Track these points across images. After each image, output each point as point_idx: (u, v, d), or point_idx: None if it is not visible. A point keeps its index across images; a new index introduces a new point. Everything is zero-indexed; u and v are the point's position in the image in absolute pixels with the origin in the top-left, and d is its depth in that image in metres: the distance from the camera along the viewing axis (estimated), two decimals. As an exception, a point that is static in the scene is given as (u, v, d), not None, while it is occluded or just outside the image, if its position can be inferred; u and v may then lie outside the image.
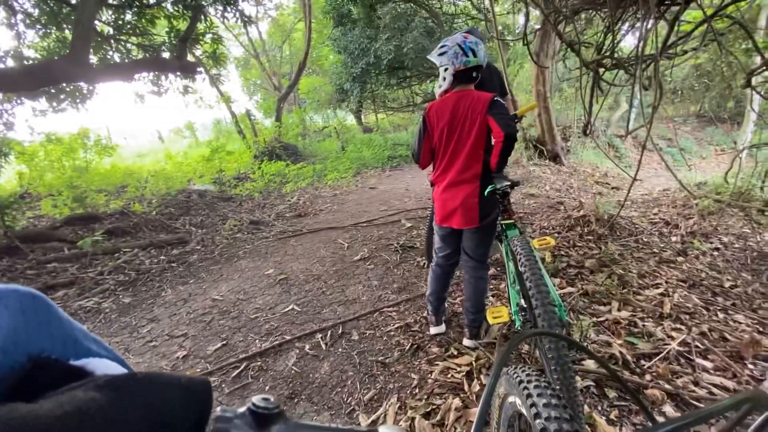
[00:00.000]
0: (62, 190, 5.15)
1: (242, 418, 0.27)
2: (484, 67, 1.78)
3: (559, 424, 0.82)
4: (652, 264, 2.73)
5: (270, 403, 0.28)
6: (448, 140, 1.82)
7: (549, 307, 1.30)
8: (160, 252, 4.04)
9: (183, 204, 5.60)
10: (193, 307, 2.85)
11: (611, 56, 2.79)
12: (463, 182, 1.80)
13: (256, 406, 0.28)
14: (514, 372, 1.00)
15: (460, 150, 1.80)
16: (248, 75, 16.99)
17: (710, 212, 4.01)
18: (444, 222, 1.90)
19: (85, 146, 7.52)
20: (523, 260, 1.43)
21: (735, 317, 2.10)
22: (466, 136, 1.77)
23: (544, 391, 0.90)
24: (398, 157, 9.31)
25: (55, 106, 6.44)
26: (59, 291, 3.20)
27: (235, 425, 0.27)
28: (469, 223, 1.82)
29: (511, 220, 1.77)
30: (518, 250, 1.50)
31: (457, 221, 1.84)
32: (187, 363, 2.19)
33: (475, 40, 1.72)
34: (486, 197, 1.77)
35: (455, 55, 1.72)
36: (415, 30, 8.78)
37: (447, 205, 1.85)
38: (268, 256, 3.74)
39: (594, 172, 6.52)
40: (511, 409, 1.04)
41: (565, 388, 1.22)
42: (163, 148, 11.32)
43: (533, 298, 1.34)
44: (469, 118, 1.75)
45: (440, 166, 1.89)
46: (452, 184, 1.83)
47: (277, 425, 0.28)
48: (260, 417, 0.27)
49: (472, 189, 1.79)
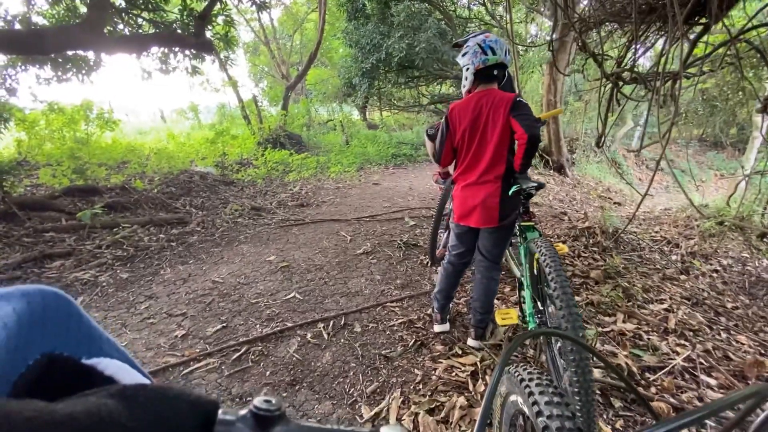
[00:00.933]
0: (63, 161, 5.06)
1: (244, 421, 0.27)
2: (506, 64, 1.76)
3: (561, 422, 0.82)
4: (656, 279, 2.74)
5: (272, 405, 0.28)
6: (470, 140, 1.81)
7: (574, 309, 1.29)
8: (159, 230, 3.98)
9: (184, 184, 5.53)
10: (192, 288, 2.81)
11: (631, 70, 2.79)
12: (485, 182, 1.79)
13: (257, 408, 0.28)
14: (516, 371, 0.99)
15: (483, 150, 1.79)
16: (257, 61, 16.85)
17: (711, 234, 4.04)
18: (462, 220, 1.89)
19: (87, 119, 7.41)
20: (549, 261, 1.42)
21: (737, 338, 2.11)
22: (490, 136, 1.76)
23: (546, 389, 0.89)
24: (402, 156, 9.29)
25: (60, 75, 6.32)
26: (56, 261, 3.14)
27: (237, 428, 0.27)
28: (488, 222, 1.81)
29: (531, 222, 1.76)
30: (543, 251, 1.48)
31: (475, 220, 1.83)
32: (185, 342, 2.15)
33: (495, 38, 1.71)
34: (507, 198, 1.76)
35: (474, 54, 1.72)
36: (428, 30, 8.75)
37: (467, 203, 1.84)
38: (270, 243, 3.71)
39: (597, 186, 6.56)
40: (513, 408, 1.03)
41: (583, 392, 1.21)
42: (165, 128, 11.19)
43: (558, 299, 1.32)
44: (492, 118, 1.74)
45: (462, 165, 1.88)
46: (474, 183, 1.82)
47: (279, 427, 0.28)
48: (262, 419, 0.27)
49: (494, 189, 1.78)
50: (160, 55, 6.85)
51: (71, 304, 0.33)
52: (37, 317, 0.28)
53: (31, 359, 0.27)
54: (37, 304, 0.29)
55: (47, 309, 0.30)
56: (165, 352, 2.07)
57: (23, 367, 0.27)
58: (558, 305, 1.33)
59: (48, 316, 0.30)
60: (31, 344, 0.28)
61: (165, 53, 6.74)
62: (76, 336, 0.32)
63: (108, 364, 0.33)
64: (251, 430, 0.27)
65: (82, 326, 0.33)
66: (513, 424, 1.08)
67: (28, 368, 0.27)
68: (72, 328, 0.32)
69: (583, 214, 4.16)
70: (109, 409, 0.22)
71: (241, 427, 0.27)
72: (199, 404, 0.27)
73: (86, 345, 0.33)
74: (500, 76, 1.76)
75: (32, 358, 0.28)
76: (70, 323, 0.32)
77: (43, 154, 5.90)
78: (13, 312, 0.26)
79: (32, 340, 0.28)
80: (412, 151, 9.66)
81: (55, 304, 0.31)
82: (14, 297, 0.28)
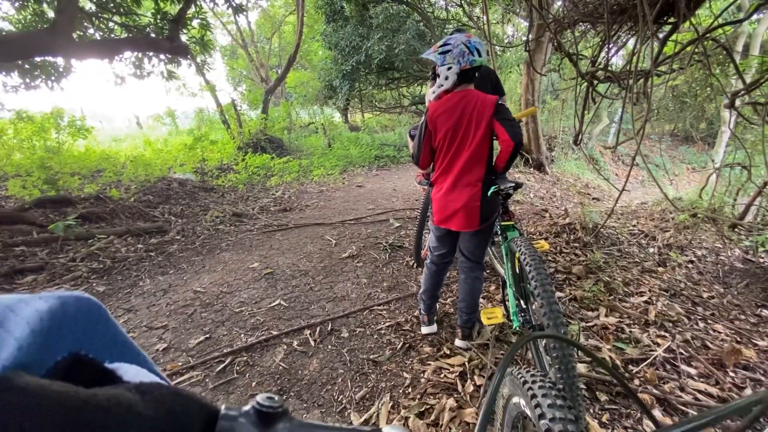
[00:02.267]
0: (33, 171, 4.87)
1: (247, 417, 0.28)
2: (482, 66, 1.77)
3: (564, 424, 0.82)
4: (636, 273, 2.81)
5: (275, 402, 0.28)
6: (451, 141, 1.79)
7: (555, 306, 1.30)
8: (137, 240, 3.86)
9: (162, 192, 5.39)
10: (173, 299, 2.73)
11: (605, 69, 2.86)
12: (466, 185, 1.77)
13: (260, 404, 0.28)
14: (518, 373, 0.99)
15: (463, 152, 1.77)
16: (235, 65, 16.60)
17: (685, 226, 4.17)
18: (443, 223, 1.88)
19: (58, 127, 7.16)
20: (528, 260, 1.43)
21: (714, 327, 2.18)
22: (471, 138, 1.75)
23: (548, 391, 0.89)
24: (385, 157, 9.30)
25: (28, 82, 6.07)
26: (27, 276, 3.01)
27: (239, 423, 0.27)
28: (469, 226, 1.81)
29: (511, 222, 1.77)
30: (522, 250, 1.49)
31: (457, 224, 1.82)
32: (167, 356, 2.09)
33: (478, 40, 1.71)
34: (487, 200, 1.76)
35: (461, 54, 1.69)
36: (407, 32, 8.79)
37: (448, 207, 1.82)
38: (253, 250, 3.64)
39: (576, 183, 6.70)
40: (516, 410, 1.03)
41: (568, 388, 1.22)
42: (141, 134, 10.91)
43: (539, 297, 1.33)
44: (475, 119, 1.73)
45: (441, 167, 1.85)
46: (454, 186, 1.80)
47: (282, 423, 0.28)
48: (265, 415, 0.28)
49: (475, 192, 1.76)
50: (134, 60, 6.68)
51: (102, 310, 0.35)
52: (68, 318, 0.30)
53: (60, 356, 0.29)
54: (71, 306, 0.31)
55: (79, 312, 0.31)
56: (146, 366, 2.00)
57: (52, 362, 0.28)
58: (539, 303, 1.34)
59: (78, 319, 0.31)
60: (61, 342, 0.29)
61: (139, 58, 6.57)
62: (102, 340, 0.34)
63: (127, 370, 0.34)
64: (254, 426, 0.27)
65: (108, 332, 0.35)
66: (515, 426, 1.08)
67: (56, 363, 0.28)
68: (99, 333, 0.34)
69: (563, 210, 4.24)
70: (128, 398, 0.24)
71: (244, 422, 0.27)
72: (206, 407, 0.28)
73: (110, 350, 0.35)
74: (475, 77, 1.77)
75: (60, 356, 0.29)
76: (98, 328, 0.34)
77: (12, 165, 5.66)
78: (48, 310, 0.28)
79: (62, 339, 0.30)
80: (395, 153, 9.67)
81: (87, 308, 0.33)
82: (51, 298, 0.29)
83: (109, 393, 0.24)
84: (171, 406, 0.26)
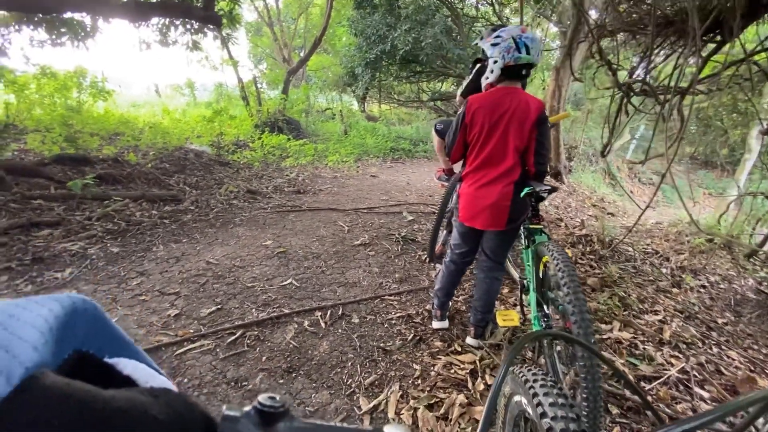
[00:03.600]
0: (53, 127, 4.88)
1: (248, 417, 0.28)
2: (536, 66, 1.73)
3: (566, 423, 0.81)
4: (651, 291, 2.78)
5: (276, 402, 0.28)
6: (487, 137, 1.75)
7: (586, 315, 1.28)
8: (152, 206, 3.88)
9: (178, 161, 5.40)
10: (185, 267, 2.74)
11: (643, 81, 2.80)
12: (498, 184, 1.74)
13: (262, 404, 0.28)
14: (520, 371, 0.98)
15: (500, 150, 1.73)
16: (258, 42, 16.51)
17: (701, 251, 4.12)
18: (469, 221, 1.85)
19: (79, 86, 7.18)
20: (561, 266, 1.40)
21: (728, 353, 2.16)
22: (512, 139, 1.70)
23: (550, 390, 0.89)
24: (401, 150, 9.25)
25: (54, 38, 6.08)
26: (44, 230, 3.03)
27: (241, 424, 0.27)
28: (495, 225, 1.79)
29: (540, 225, 1.74)
30: (554, 255, 1.47)
31: (482, 222, 1.80)
32: (179, 322, 2.10)
33: (532, 36, 1.65)
34: (518, 201, 1.73)
35: (507, 49, 1.64)
36: (436, 26, 8.67)
37: (476, 204, 1.80)
38: (266, 228, 3.65)
39: (591, 196, 6.63)
40: (517, 409, 1.03)
41: (591, 398, 1.21)
42: (160, 102, 10.91)
43: (570, 304, 1.31)
44: (516, 120, 1.68)
45: (474, 163, 1.81)
46: (486, 183, 1.77)
47: (283, 423, 0.28)
48: (266, 415, 0.28)
49: (507, 192, 1.73)
50: (161, 27, 6.66)
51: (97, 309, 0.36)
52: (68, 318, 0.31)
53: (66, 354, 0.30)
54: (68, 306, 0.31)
55: (76, 312, 0.32)
56: (157, 330, 2.02)
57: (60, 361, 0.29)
58: (570, 310, 1.32)
59: (77, 318, 0.32)
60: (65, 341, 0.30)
61: (166, 25, 6.54)
62: (100, 337, 0.35)
63: (126, 364, 0.36)
64: (255, 427, 0.27)
65: (106, 329, 0.37)
66: (517, 425, 1.08)
67: (64, 361, 0.30)
68: (97, 330, 0.35)
69: (579, 221, 4.20)
70: (143, 401, 0.26)
71: (246, 423, 0.27)
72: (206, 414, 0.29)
73: (108, 346, 0.36)
74: (527, 75, 1.72)
75: (67, 353, 0.30)
76: (96, 325, 0.35)
77: (33, 119, 5.69)
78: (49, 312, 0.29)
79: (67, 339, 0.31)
80: (410, 147, 9.61)
81: (83, 308, 0.34)
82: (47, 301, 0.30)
83: (127, 395, 0.25)
84: (181, 411, 0.28)
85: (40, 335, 0.26)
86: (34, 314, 0.28)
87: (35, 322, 0.27)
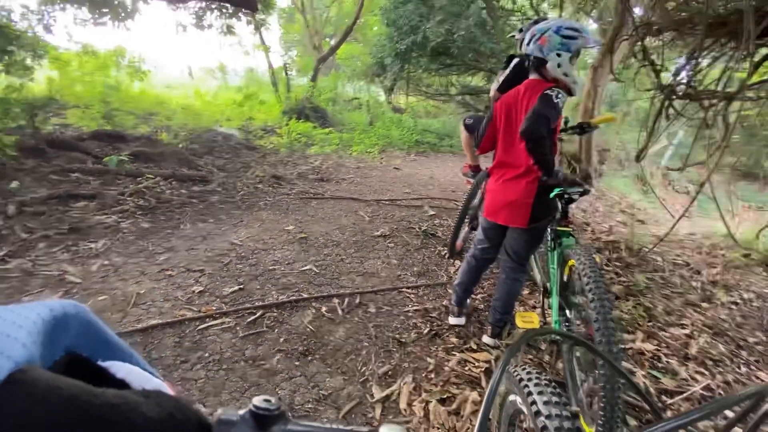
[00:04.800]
0: (92, 104, 5.09)
1: (244, 421, 0.28)
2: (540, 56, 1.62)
3: (560, 421, 0.80)
4: (678, 303, 2.67)
5: (271, 404, 0.28)
6: (505, 130, 1.76)
7: (610, 324, 1.24)
8: (181, 185, 4.00)
9: (208, 143, 5.53)
10: (211, 246, 2.82)
11: (688, 84, 2.67)
12: (523, 179, 1.71)
13: (257, 407, 0.28)
14: (515, 371, 0.97)
15: (516, 144, 1.71)
16: (290, 29, 16.61)
17: (735, 266, 3.93)
18: (491, 215, 1.84)
19: (118, 65, 7.43)
20: (588, 271, 1.36)
21: (758, 373, 2.06)
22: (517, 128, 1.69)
23: (544, 389, 0.88)
24: (426, 144, 9.17)
25: (97, 18, 6.30)
26: (80, 201, 3.18)
27: (237, 427, 0.27)
28: (516, 222, 1.76)
29: (568, 228, 1.69)
30: (581, 260, 1.42)
31: (504, 217, 1.78)
32: (202, 299, 2.17)
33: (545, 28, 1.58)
34: (543, 200, 1.69)
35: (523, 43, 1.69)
36: (470, 18, 8.49)
37: (498, 199, 1.79)
38: (289, 213, 3.70)
39: (621, 201, 6.41)
40: (512, 408, 1.02)
41: (609, 408, 1.18)
42: (192, 85, 11.17)
43: (595, 311, 1.27)
44: (524, 109, 1.66)
45: (497, 157, 1.83)
46: (511, 179, 1.75)
47: (278, 426, 0.28)
48: (261, 418, 0.28)
49: (530, 189, 1.69)
50: (197, 10, 6.79)
51: (89, 314, 0.37)
52: (59, 321, 0.32)
53: (57, 356, 0.31)
54: (59, 311, 0.32)
55: (67, 316, 0.33)
56: (182, 305, 2.09)
57: (51, 362, 0.30)
58: (593, 317, 1.28)
59: (68, 321, 0.33)
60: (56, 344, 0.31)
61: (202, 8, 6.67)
62: (93, 341, 0.36)
63: (120, 367, 0.36)
64: (251, 430, 0.28)
65: (99, 333, 0.37)
66: (512, 424, 1.07)
67: (55, 363, 0.31)
68: (90, 334, 0.36)
69: (607, 227, 4.07)
70: (134, 398, 0.26)
71: (241, 426, 0.28)
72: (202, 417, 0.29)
73: (102, 350, 0.37)
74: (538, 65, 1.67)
75: (58, 355, 0.31)
76: (88, 330, 0.36)
77: (74, 95, 5.93)
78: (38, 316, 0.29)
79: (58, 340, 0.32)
80: (436, 140, 9.51)
81: (74, 312, 0.34)
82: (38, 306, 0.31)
83: (117, 392, 0.26)
84: (172, 411, 0.28)
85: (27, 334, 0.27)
86: (22, 317, 0.28)
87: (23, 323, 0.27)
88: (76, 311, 0.35)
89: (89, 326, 0.36)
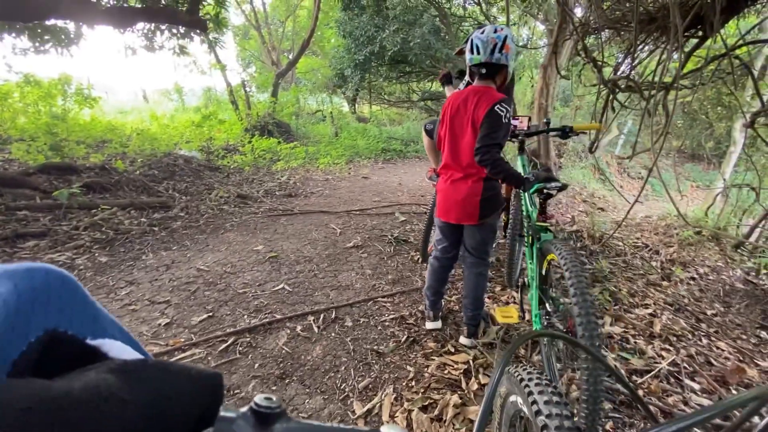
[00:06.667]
0: (38, 136, 4.81)
1: (244, 418, 0.27)
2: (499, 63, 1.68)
3: (561, 421, 0.82)
4: (641, 285, 2.80)
5: (272, 403, 0.28)
6: (450, 133, 1.83)
7: (592, 318, 1.26)
8: (141, 214, 3.83)
9: (168, 168, 5.34)
10: (176, 275, 2.71)
11: (628, 78, 2.83)
12: (468, 179, 1.79)
13: (258, 405, 0.28)
14: (515, 371, 0.98)
15: (460, 147, 1.80)
16: (246, 46, 16.41)
17: (689, 243, 4.17)
18: (443, 215, 1.91)
19: (64, 94, 7.07)
20: (569, 265, 1.37)
21: (718, 344, 2.18)
22: (467, 134, 1.76)
23: (545, 389, 0.89)
24: (392, 151, 9.26)
25: (38, 45, 5.98)
26: (29, 241, 2.98)
27: (237, 425, 0.27)
28: (467, 219, 1.83)
29: (546, 223, 1.72)
30: (563, 254, 1.44)
31: (455, 216, 1.85)
32: (169, 331, 2.08)
33: (485, 36, 1.63)
34: (489, 195, 1.77)
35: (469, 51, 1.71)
36: (423, 26, 8.70)
37: (448, 199, 1.86)
38: (257, 232, 3.62)
39: (581, 191, 6.69)
40: (513, 409, 1.03)
41: (591, 400, 1.21)
42: (148, 108, 10.80)
43: (577, 306, 1.29)
44: (471, 116, 1.72)
45: (444, 158, 1.89)
46: (456, 179, 1.83)
47: (279, 424, 0.28)
48: (262, 416, 0.28)
49: (476, 188, 1.77)
50: (146, 32, 6.58)
51: (77, 285, 0.33)
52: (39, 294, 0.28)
53: (33, 337, 0.27)
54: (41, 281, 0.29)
55: (51, 287, 0.29)
56: (148, 340, 1.99)
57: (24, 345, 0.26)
58: (576, 311, 1.29)
59: (52, 294, 0.29)
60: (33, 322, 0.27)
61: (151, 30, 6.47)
62: (80, 316, 0.32)
63: (112, 345, 0.33)
64: (251, 428, 0.27)
65: (87, 307, 0.33)
66: (513, 425, 1.08)
67: (29, 346, 0.27)
68: (77, 308, 0.32)
69: (569, 217, 4.23)
70: (108, 383, 0.22)
71: (242, 424, 0.27)
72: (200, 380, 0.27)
73: (91, 326, 0.33)
74: (492, 74, 1.73)
75: (34, 336, 0.27)
76: (74, 303, 0.32)
77: (17, 128, 5.60)
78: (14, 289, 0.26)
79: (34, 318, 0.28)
80: (402, 147, 9.62)
81: (60, 282, 0.30)
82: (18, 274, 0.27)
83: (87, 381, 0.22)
84: (159, 386, 0.25)
85: None
86: None
87: None
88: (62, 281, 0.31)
89: (75, 299, 0.32)
